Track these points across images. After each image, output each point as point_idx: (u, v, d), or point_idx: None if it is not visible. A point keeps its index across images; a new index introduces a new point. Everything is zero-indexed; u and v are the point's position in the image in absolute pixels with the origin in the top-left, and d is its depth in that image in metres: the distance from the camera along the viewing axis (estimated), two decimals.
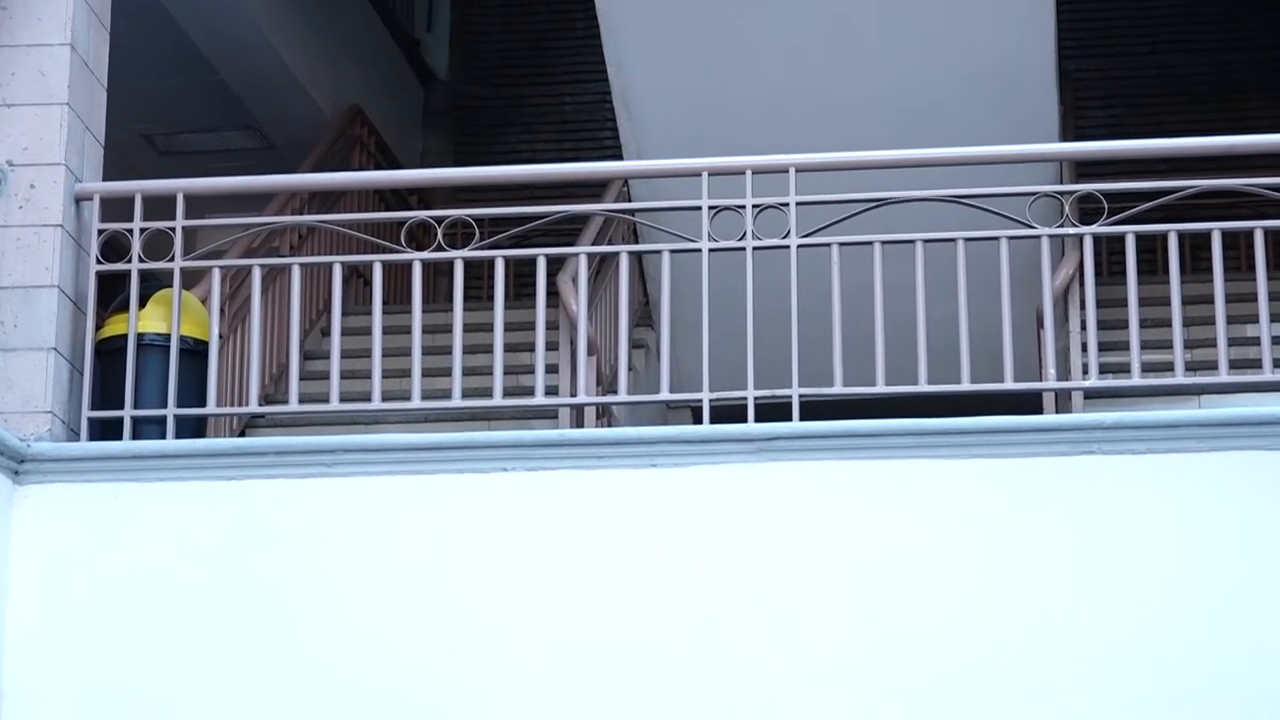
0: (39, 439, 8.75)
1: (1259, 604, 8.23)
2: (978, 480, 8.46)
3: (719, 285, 8.79)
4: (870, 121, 11.27)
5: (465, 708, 8.44)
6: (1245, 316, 9.11)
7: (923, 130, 9.60)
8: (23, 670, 8.56)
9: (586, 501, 8.59)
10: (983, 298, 8.73)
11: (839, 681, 8.32)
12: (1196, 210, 9.25)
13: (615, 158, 12.51)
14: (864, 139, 9.74)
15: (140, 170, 10.25)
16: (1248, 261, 8.88)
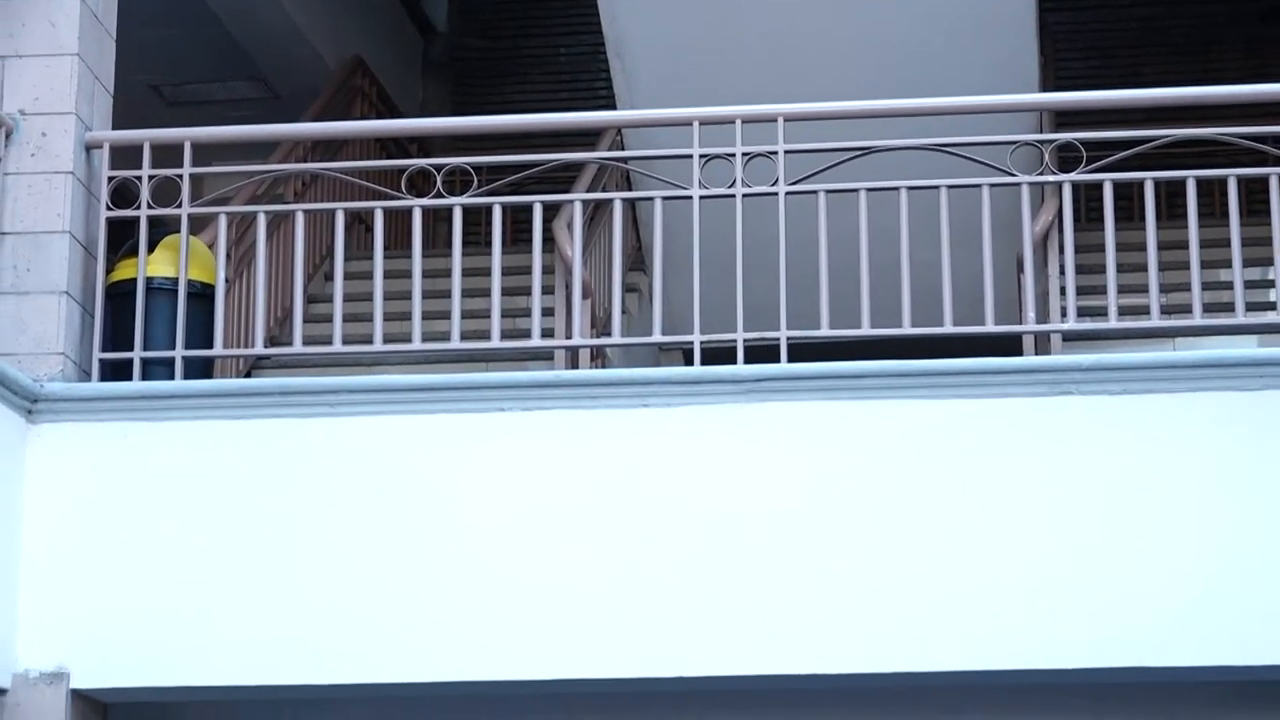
0: (51, 380, 8.77)
1: (1229, 537, 8.27)
2: (959, 419, 8.48)
3: (709, 231, 8.80)
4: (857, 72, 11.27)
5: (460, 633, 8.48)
6: (1218, 262, 9.13)
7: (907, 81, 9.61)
8: (37, 602, 8.60)
9: (581, 440, 8.61)
10: (965, 243, 8.74)
11: (821, 608, 8.35)
12: (1172, 159, 9.26)
13: (609, 107, 12.50)
14: (851, 89, 9.73)
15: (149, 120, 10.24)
16: (1221, 208, 8.91)
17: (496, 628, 8.46)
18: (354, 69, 13.92)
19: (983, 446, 8.46)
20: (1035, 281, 9.02)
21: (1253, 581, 8.22)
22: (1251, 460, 8.33)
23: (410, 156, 13.20)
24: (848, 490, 8.44)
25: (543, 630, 8.44)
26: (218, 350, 9.21)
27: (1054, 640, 8.27)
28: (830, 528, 8.42)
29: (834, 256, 8.72)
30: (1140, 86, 10.40)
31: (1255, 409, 8.36)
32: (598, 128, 11.53)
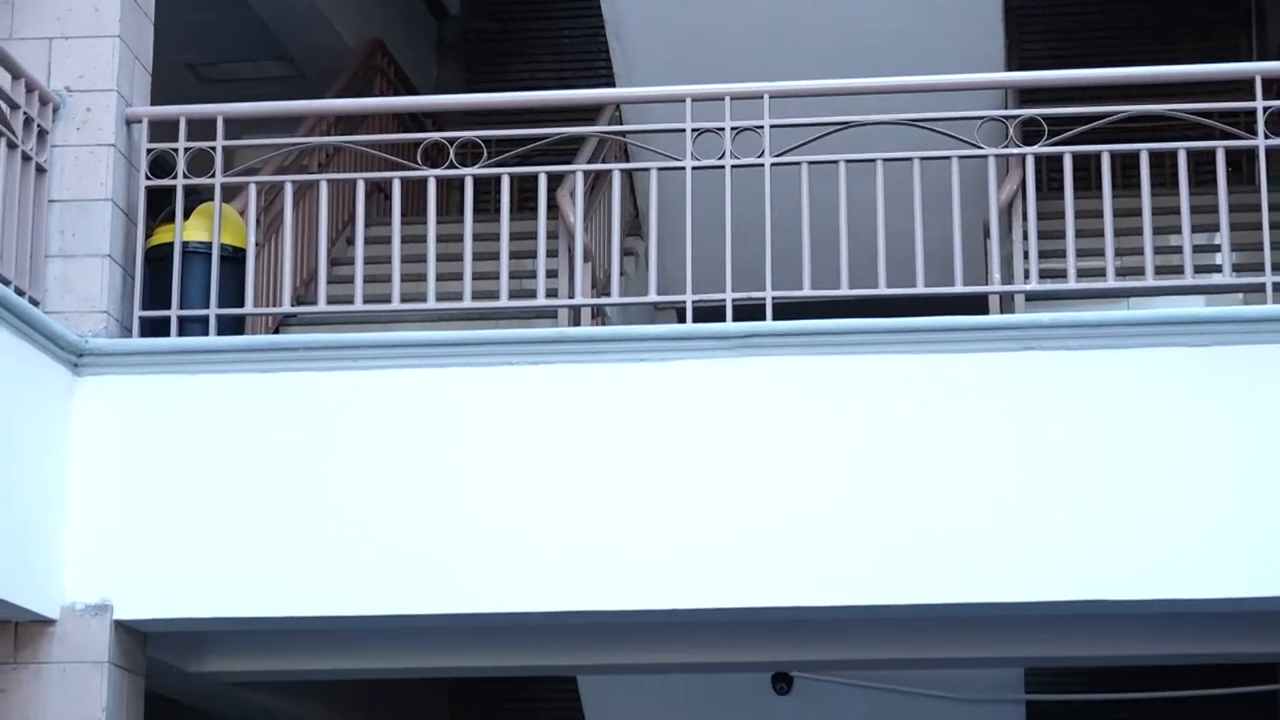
0: (96, 336, 8.78)
1: (1176, 477, 8.30)
2: (930, 372, 8.50)
3: (701, 199, 8.82)
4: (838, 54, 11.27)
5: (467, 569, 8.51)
6: (1169, 228, 9.14)
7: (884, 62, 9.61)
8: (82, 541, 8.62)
9: (582, 392, 8.63)
10: (935, 211, 8.75)
11: (802, 543, 8.38)
12: (1127, 133, 9.27)
13: (609, 85, 12.50)
14: (832, 69, 9.74)
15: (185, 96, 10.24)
16: (1172, 178, 8.92)
17: (502, 564, 8.48)
18: (373, 50, 13.90)
19: (952, 397, 8.48)
20: (1000, 246, 9.03)
21: (1196, 517, 8.26)
22: (1198, 409, 8.36)
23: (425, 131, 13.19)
24: (828, 436, 8.48)
25: (545, 565, 8.47)
26: (248, 309, 9.22)
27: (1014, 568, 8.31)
28: (811, 469, 8.44)
29: (815, 223, 8.73)
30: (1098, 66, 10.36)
31: (1202, 363, 8.38)
32: (598, 104, 11.51)
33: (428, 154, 9.18)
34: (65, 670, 8.50)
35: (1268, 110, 8.72)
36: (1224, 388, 8.37)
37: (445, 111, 13.61)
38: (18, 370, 8.35)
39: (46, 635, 8.52)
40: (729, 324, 8.65)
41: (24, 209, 8.72)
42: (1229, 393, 8.36)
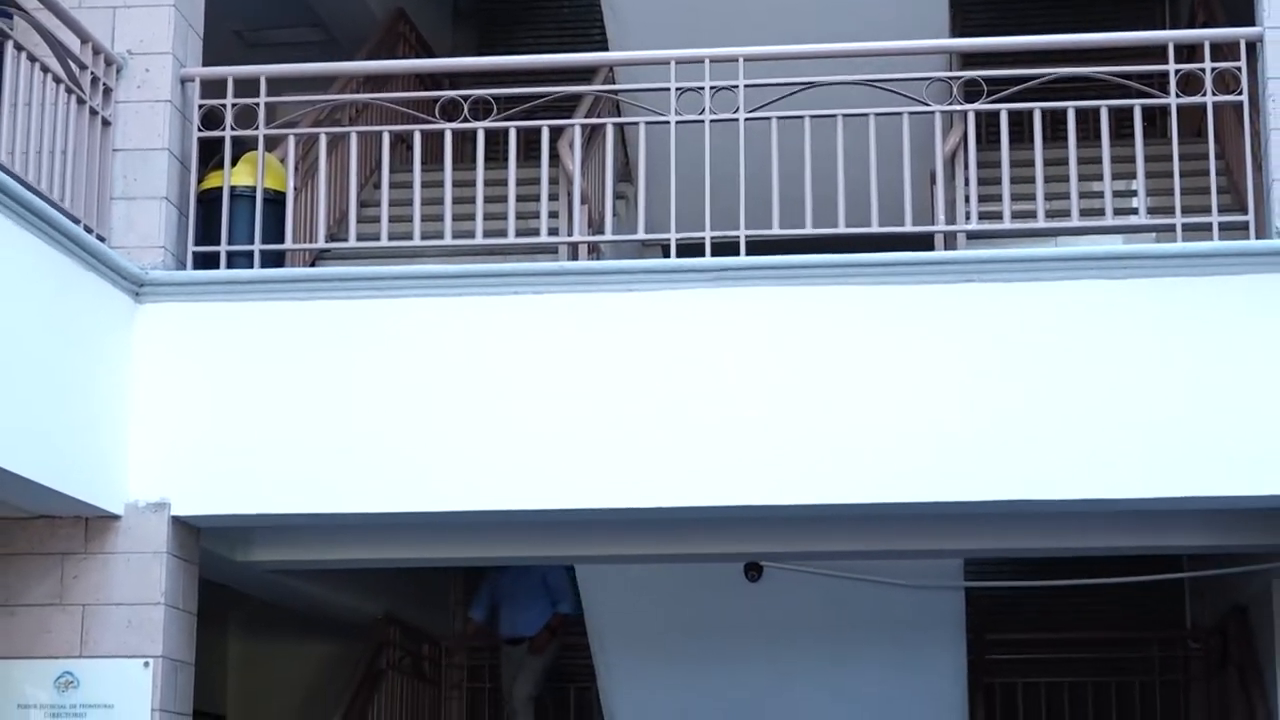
0: (154, 268, 8.77)
1: (1095, 393, 8.32)
2: (883, 301, 8.50)
3: (683, 150, 8.81)
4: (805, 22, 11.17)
5: (481, 471, 8.52)
6: (1092, 175, 9.12)
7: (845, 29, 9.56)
8: (144, 447, 8.63)
9: (579, 318, 8.63)
10: (888, 160, 8.74)
11: (770, 451, 8.40)
12: (1056, 92, 9.25)
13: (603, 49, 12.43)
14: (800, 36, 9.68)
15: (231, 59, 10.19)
16: (1095, 132, 8.90)
17: (509, 467, 8.50)
18: (397, 18, 13.82)
19: (901, 322, 8.49)
20: (945, 191, 9.01)
21: (1112, 428, 8.28)
22: (1114, 333, 8.37)
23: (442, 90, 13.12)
24: (792, 357, 8.49)
25: (547, 468, 8.49)
26: (288, 245, 9.22)
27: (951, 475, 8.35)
28: (778, 385, 8.46)
29: (783, 170, 8.72)
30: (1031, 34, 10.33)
31: (1121, 294, 8.40)
32: (593, 66, 11.47)
33: (444, 110, 9.15)
34: (129, 560, 8.52)
35: (1178, 73, 8.70)
36: (1137, 314, 8.38)
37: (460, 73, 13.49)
38: (87, 297, 8.35)
39: (113, 529, 8.54)
40: (708, 258, 8.64)
41: (91, 157, 8.70)
42: (1142, 318, 8.37)
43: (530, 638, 12.39)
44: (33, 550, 8.54)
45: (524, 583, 12.24)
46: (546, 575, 12.25)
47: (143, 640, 8.44)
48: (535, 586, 12.31)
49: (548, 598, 12.33)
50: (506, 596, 12.38)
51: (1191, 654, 13.48)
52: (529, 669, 12.41)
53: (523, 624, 12.33)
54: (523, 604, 12.31)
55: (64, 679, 8.44)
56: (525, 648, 12.46)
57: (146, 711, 8.39)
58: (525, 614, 12.30)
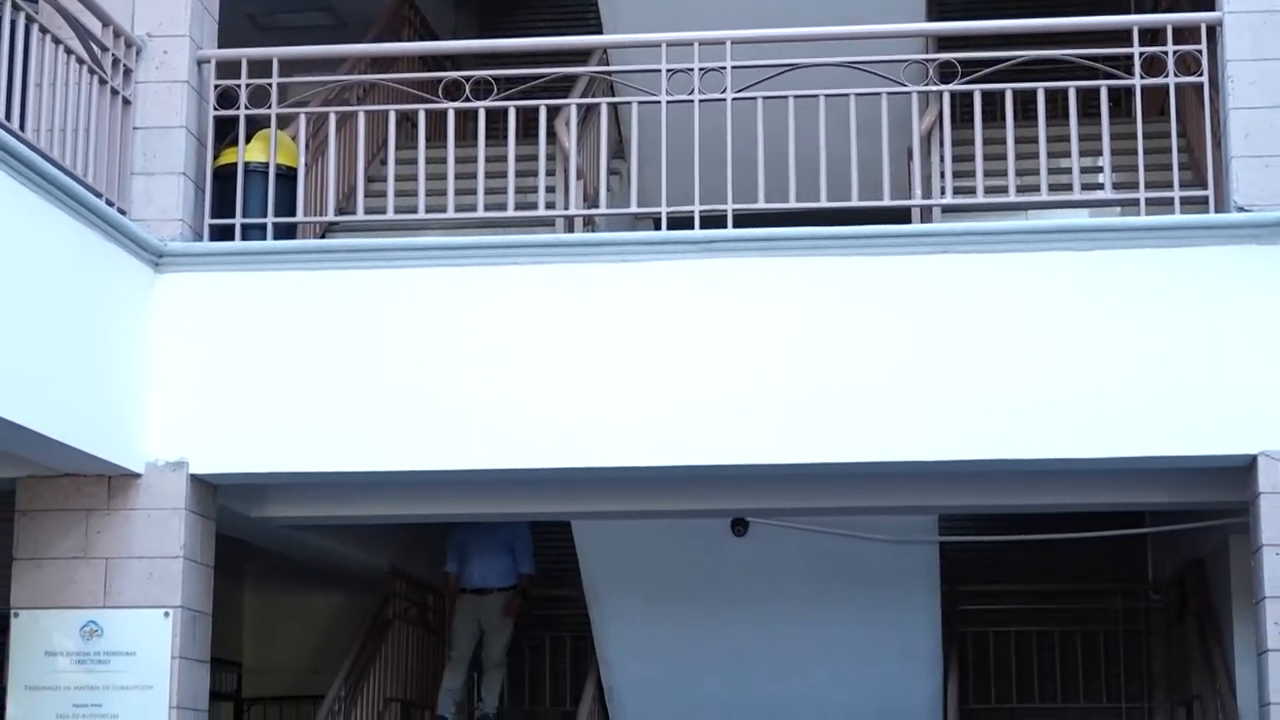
0: (172, 240, 8.77)
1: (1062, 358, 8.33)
2: (862, 272, 8.51)
3: (673, 128, 8.78)
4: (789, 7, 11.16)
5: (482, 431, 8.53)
6: (1061, 152, 9.11)
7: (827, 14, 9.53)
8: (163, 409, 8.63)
9: (575, 286, 8.63)
10: (868, 138, 8.74)
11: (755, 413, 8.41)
12: (1028, 74, 9.23)
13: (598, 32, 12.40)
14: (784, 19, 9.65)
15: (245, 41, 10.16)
16: (1063, 112, 8.89)
17: (509, 428, 8.51)
18: (402, 3, 13.77)
19: (880, 291, 8.49)
20: (921, 167, 9.01)
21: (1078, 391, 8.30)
22: (1081, 301, 8.38)
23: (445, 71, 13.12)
24: (777, 324, 8.49)
25: (545, 429, 8.49)
26: (299, 218, 9.21)
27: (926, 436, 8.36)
28: (762, 351, 8.46)
29: (768, 148, 8.71)
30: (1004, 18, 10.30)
31: (1087, 265, 8.41)
32: (589, 48, 11.44)
33: (447, 90, 9.14)
34: (149, 515, 8.53)
35: (1143, 55, 8.69)
36: (1103, 284, 8.38)
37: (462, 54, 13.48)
38: (109, 268, 8.34)
39: (134, 487, 8.55)
40: (696, 231, 8.64)
41: (112, 134, 8.68)
42: (1107, 288, 8.38)
43: (498, 590, 12.13)
44: (59, 507, 8.55)
45: (488, 537, 12.04)
46: (510, 536, 12.10)
47: (163, 591, 8.45)
48: (499, 542, 12.11)
49: (510, 556, 12.15)
50: (474, 549, 12.15)
51: (1152, 605, 13.51)
52: (502, 631, 12.16)
53: (493, 575, 12.13)
54: (490, 556, 12.10)
55: (89, 628, 8.45)
56: (495, 604, 12.15)
57: (167, 659, 8.41)
58: (494, 566, 12.10)
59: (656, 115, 8.87)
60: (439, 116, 9.22)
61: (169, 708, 8.39)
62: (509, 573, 12.16)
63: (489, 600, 12.15)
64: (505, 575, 12.16)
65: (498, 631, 12.18)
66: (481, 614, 12.16)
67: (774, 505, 9.42)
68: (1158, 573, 13.71)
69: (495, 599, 12.16)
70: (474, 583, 12.16)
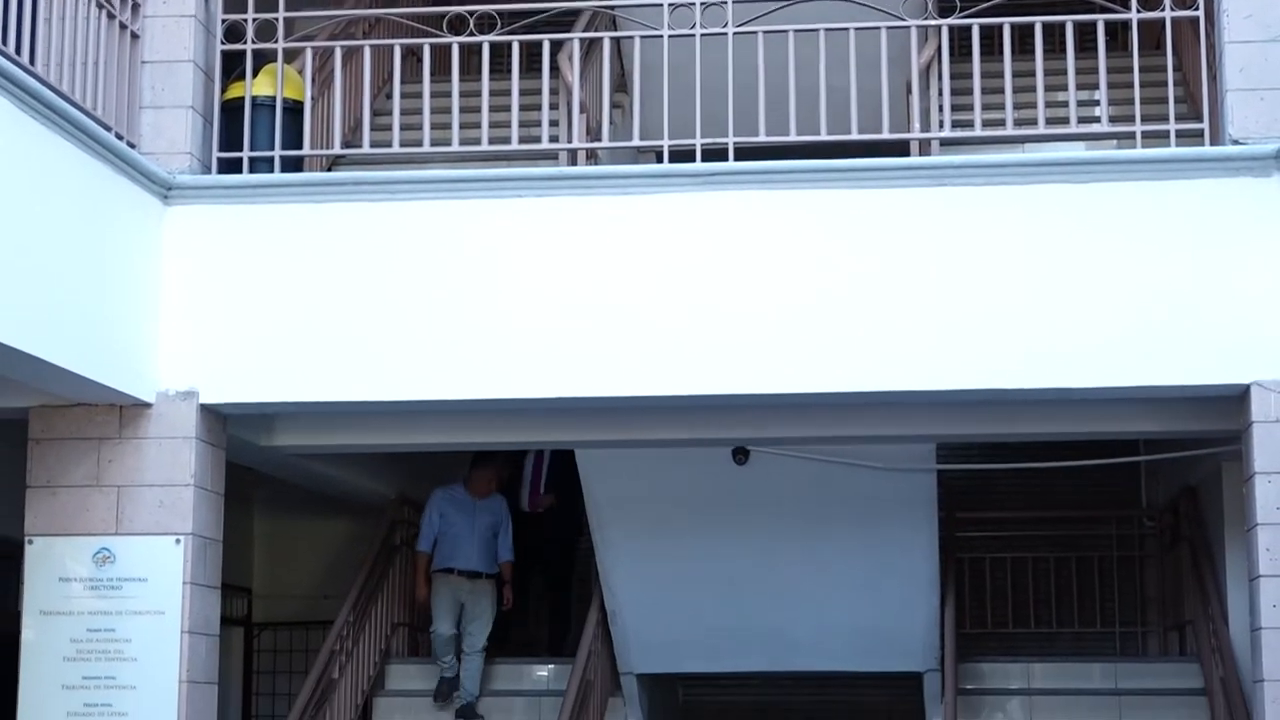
0: (181, 173, 8.77)
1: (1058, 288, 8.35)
2: (861, 204, 8.51)
3: (675, 62, 8.78)
4: None
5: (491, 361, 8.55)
6: (1058, 86, 9.09)
7: None
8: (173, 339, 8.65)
9: (578, 219, 8.64)
10: (867, 72, 8.73)
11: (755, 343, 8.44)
12: (1025, 7, 9.22)
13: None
14: None
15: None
16: (1061, 45, 8.88)
17: (514, 358, 8.53)
18: None
19: (879, 224, 8.50)
20: (920, 101, 9.01)
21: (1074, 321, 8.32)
22: (1077, 233, 8.39)
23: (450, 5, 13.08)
24: (776, 255, 8.50)
25: (550, 359, 8.52)
26: (306, 151, 9.21)
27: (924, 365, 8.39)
28: (762, 282, 8.48)
29: (769, 81, 8.70)
30: None
31: (1083, 197, 8.41)
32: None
33: (452, 24, 9.11)
34: (160, 444, 8.57)
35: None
36: (1099, 216, 8.39)
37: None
38: (118, 200, 8.35)
39: (145, 416, 8.59)
40: (698, 164, 8.64)
41: (121, 68, 8.68)
42: (1103, 220, 8.38)
43: (486, 576, 11.93)
44: (71, 436, 8.59)
45: (476, 521, 11.90)
46: (496, 522, 11.99)
47: (174, 519, 8.50)
48: (488, 528, 11.98)
49: (494, 544, 12.00)
50: (464, 533, 11.93)
51: (1146, 531, 13.57)
52: (486, 615, 11.94)
53: (484, 560, 11.92)
54: (482, 541, 11.90)
55: (101, 554, 8.51)
56: (483, 589, 11.95)
57: (178, 584, 8.47)
58: (486, 551, 11.91)
59: (658, 49, 8.86)
60: (443, 51, 9.20)
61: (181, 632, 8.45)
62: (494, 559, 12.03)
63: (478, 585, 11.98)
64: (493, 561, 12.02)
65: (482, 616, 11.98)
66: (466, 596, 11.96)
67: (774, 434, 9.46)
68: (1151, 499, 13.76)
69: (484, 584, 11.99)
70: (465, 565, 11.95)
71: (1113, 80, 8.87)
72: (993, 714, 11.92)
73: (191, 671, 8.47)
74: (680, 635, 11.83)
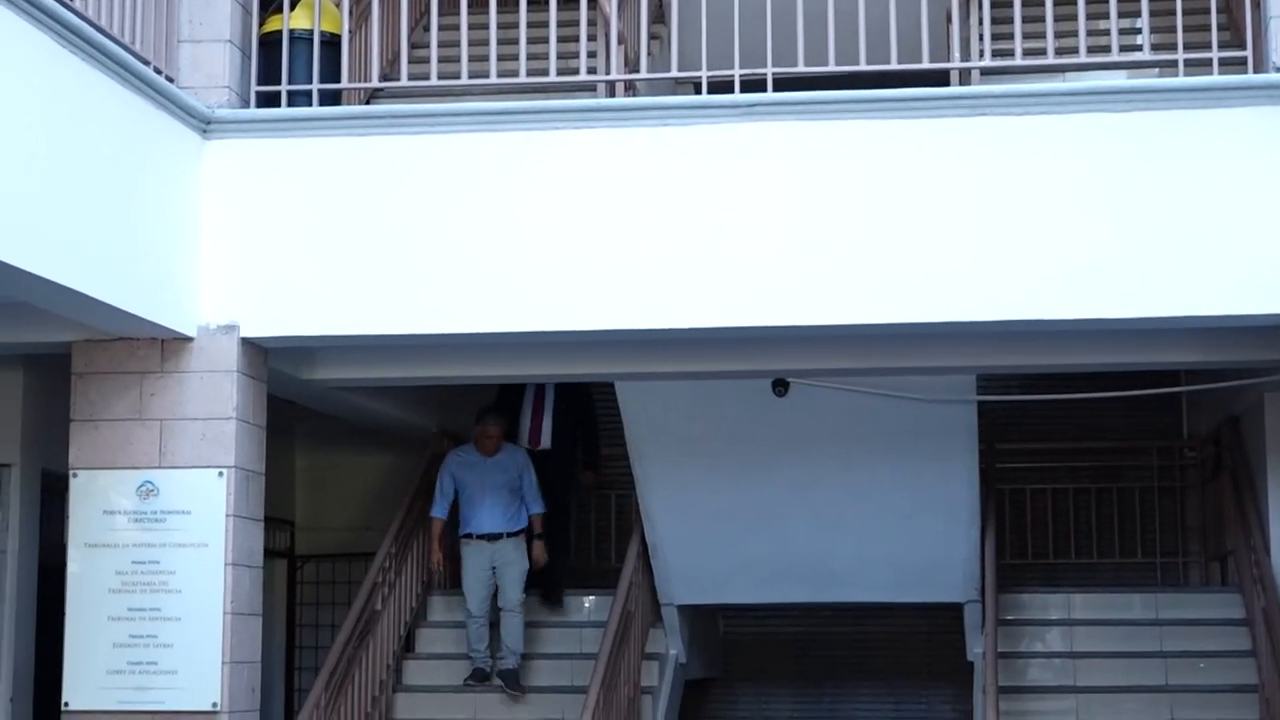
0: (220, 107, 8.77)
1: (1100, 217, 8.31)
2: (901, 134, 8.47)
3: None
4: None
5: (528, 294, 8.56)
6: (1100, 14, 9.02)
7: None
8: (214, 273, 8.68)
9: (617, 150, 8.63)
10: (907, 1, 8.67)
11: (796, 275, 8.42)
12: None
13: None
14: None
15: None
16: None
17: (554, 290, 8.54)
18: None
19: (919, 154, 8.47)
20: (960, 29, 8.94)
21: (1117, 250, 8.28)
22: (1119, 162, 8.34)
23: None
24: (816, 186, 8.48)
25: (591, 291, 8.53)
26: (344, 84, 9.20)
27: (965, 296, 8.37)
28: (802, 213, 8.46)
29: (808, 11, 8.66)
30: None
31: (1125, 126, 8.37)
32: None
33: None
34: (202, 378, 8.62)
35: None
36: (1141, 145, 8.34)
37: None
38: (157, 135, 8.37)
39: (187, 350, 8.63)
40: (736, 95, 8.61)
41: (159, 3, 8.69)
42: (1144, 149, 8.34)
43: (508, 535, 11.59)
44: (114, 370, 8.63)
45: (492, 480, 11.58)
46: (514, 479, 11.61)
47: (216, 452, 8.55)
48: (504, 485, 11.64)
49: (519, 499, 11.66)
50: (479, 494, 11.62)
51: (1187, 461, 13.53)
52: (516, 567, 11.59)
53: (503, 520, 11.57)
54: (498, 500, 11.54)
55: (145, 487, 8.57)
56: (508, 546, 11.60)
57: (221, 517, 8.53)
58: (504, 511, 11.56)
59: None
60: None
61: (224, 564, 8.51)
62: (518, 515, 11.68)
63: (500, 545, 11.63)
64: (515, 519, 11.67)
65: (511, 574, 11.63)
66: (493, 556, 11.63)
67: (815, 365, 9.45)
68: (1193, 429, 13.71)
69: (506, 543, 11.64)
70: (480, 529, 11.64)
71: (1155, 8, 8.80)
72: (1033, 644, 11.93)
73: (235, 603, 8.54)
74: (720, 567, 11.86)
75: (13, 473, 10.02)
